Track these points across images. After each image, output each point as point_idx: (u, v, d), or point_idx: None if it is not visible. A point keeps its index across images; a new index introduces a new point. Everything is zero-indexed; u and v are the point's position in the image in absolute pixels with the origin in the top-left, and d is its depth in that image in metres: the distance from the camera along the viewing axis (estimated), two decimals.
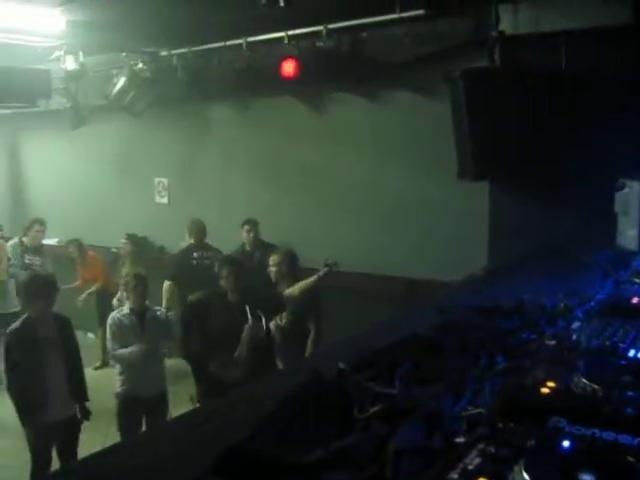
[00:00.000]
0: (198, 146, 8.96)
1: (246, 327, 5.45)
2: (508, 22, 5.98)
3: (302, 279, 6.31)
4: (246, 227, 7.75)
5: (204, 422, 1.67)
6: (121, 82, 7.91)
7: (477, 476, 1.15)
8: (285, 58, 6.75)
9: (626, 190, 4.25)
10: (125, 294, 6.31)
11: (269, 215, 7.88)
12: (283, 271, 6.28)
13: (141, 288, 5.99)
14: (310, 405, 1.67)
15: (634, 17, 5.15)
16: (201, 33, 7.11)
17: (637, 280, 2.82)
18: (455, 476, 1.17)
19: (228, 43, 7.20)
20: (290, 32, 6.71)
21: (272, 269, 6.33)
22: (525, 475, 1.10)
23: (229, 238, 7.89)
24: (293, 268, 6.35)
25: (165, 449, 1.54)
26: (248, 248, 7.73)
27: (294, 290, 6.18)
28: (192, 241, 7.86)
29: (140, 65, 7.93)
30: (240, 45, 7.10)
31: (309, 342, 6.08)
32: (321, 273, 6.17)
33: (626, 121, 5.08)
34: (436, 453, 1.36)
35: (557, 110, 5.53)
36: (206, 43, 7.43)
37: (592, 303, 2.54)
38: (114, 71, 8.12)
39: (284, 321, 6.11)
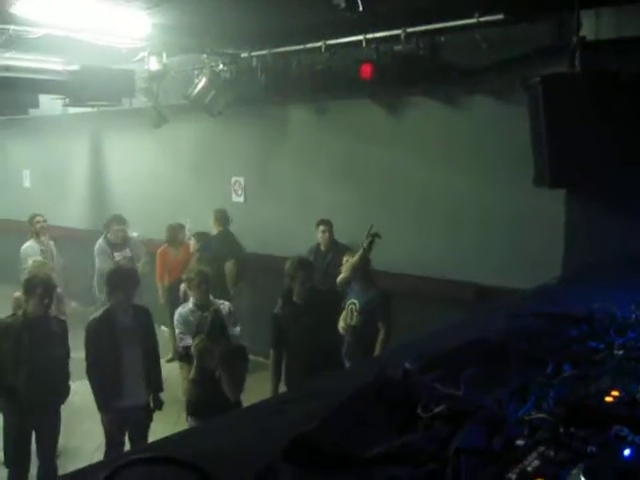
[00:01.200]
0: (275, 147, 9.09)
1: None
2: (589, 27, 5.89)
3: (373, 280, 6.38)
4: (321, 227, 7.84)
5: (277, 411, 1.75)
6: (202, 82, 8.10)
7: (535, 477, 1.19)
8: (363, 61, 6.80)
9: None
10: (189, 291, 6.46)
11: (342, 216, 7.94)
12: (360, 274, 6.35)
13: (205, 285, 6.15)
14: (376, 402, 1.73)
15: None
16: (280, 36, 7.22)
17: None
18: (513, 476, 1.20)
19: (307, 46, 7.29)
20: (368, 35, 6.75)
21: (343, 268, 6.41)
22: (583, 479, 1.13)
23: (304, 237, 8.00)
24: (368, 267, 6.41)
25: (240, 435, 1.62)
26: (322, 248, 7.83)
27: (346, 271, 6.28)
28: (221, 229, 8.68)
29: (220, 66, 8.12)
30: (319, 48, 7.18)
31: (378, 342, 6.11)
32: (365, 244, 6.23)
33: None
34: (496, 454, 1.39)
35: (637, 119, 5.42)
36: (285, 45, 7.54)
37: None
38: (195, 72, 8.32)
39: (354, 321, 6.18)
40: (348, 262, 6.39)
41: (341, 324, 6.27)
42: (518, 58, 6.29)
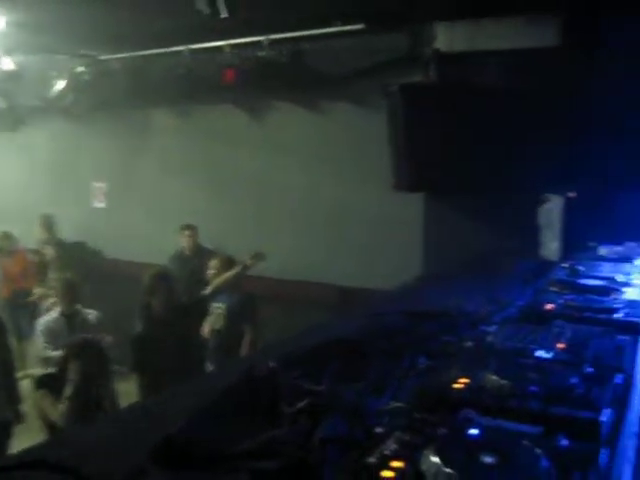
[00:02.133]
0: (138, 151, 8.94)
1: None
2: (444, 40, 6.21)
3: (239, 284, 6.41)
4: (186, 232, 7.78)
5: (144, 414, 1.76)
6: (60, 84, 7.86)
7: (392, 459, 1.27)
8: (226, 67, 6.83)
9: (549, 205, 4.48)
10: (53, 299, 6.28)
11: (208, 221, 7.92)
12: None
13: (71, 293, 5.98)
14: (241, 400, 1.78)
15: (560, 40, 5.42)
16: (143, 39, 7.12)
17: (553, 289, 3.00)
18: (373, 460, 1.28)
19: (169, 50, 7.24)
20: (232, 41, 6.79)
21: (211, 273, 6.39)
22: (433, 457, 1.23)
23: (168, 243, 7.90)
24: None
25: (106, 439, 1.62)
26: (187, 253, 7.77)
27: (217, 284, 6.26)
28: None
29: (80, 68, 7.89)
30: (181, 52, 7.15)
31: (243, 345, 6.14)
32: (248, 262, 6.26)
33: (550, 138, 5.32)
34: (357, 442, 1.48)
35: (489, 126, 5.75)
36: (148, 49, 7.44)
37: (511, 309, 2.71)
38: (53, 73, 8.05)
39: (220, 324, 6.18)
40: (221, 276, 6.31)
41: (206, 329, 6.26)
42: (377, 67, 6.54)
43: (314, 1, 5.58)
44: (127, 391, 5.59)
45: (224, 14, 4.49)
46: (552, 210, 4.44)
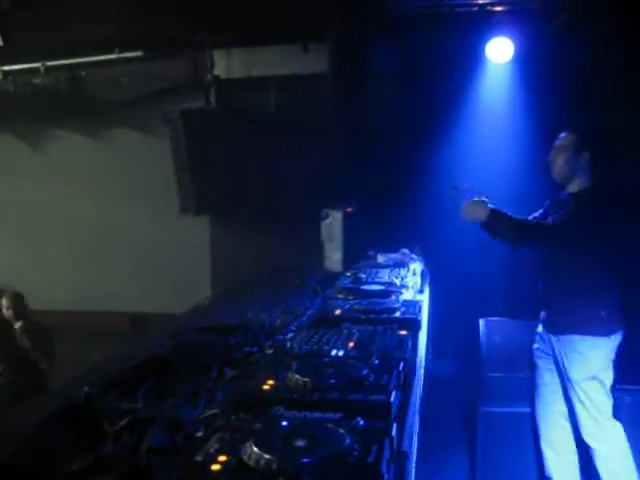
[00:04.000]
0: None
1: None
2: (222, 66, 6.45)
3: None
4: None
5: None
6: None
7: (218, 455, 1.43)
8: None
9: (329, 220, 4.84)
10: None
11: None
12: (19, 312, 6.05)
13: None
14: (64, 425, 1.85)
15: (330, 67, 5.87)
16: None
17: (340, 296, 3.31)
18: (200, 458, 1.43)
19: None
20: (6, 67, 6.54)
21: (6, 313, 6.06)
22: (255, 448, 1.40)
23: None
24: (24, 307, 6.15)
25: None
26: None
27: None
28: None
29: None
30: None
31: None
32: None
33: (325, 157, 5.73)
34: (181, 447, 1.62)
35: (268, 148, 6.06)
36: None
37: (304, 317, 2.97)
38: None
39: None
40: (19, 325, 6.00)
41: None
42: (158, 93, 6.63)
43: (92, 27, 5.56)
44: None
45: (0, 42, 4.37)
46: (332, 224, 4.80)
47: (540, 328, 3.91)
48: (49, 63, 6.49)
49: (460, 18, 5.52)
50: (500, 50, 5.57)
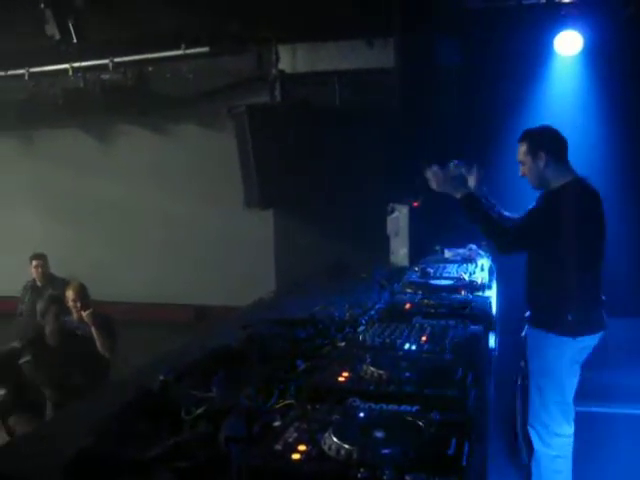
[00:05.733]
0: None
1: None
2: (287, 61, 6.48)
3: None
4: (34, 262, 7.52)
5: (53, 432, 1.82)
6: None
7: (297, 445, 1.44)
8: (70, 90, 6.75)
9: (396, 214, 4.83)
10: None
11: (58, 249, 7.69)
12: (83, 303, 6.21)
13: None
14: (141, 413, 1.89)
15: (396, 61, 5.83)
16: None
17: (408, 290, 3.30)
18: (280, 447, 1.44)
19: (9, 73, 7.02)
20: (76, 64, 6.71)
21: (72, 304, 6.23)
22: (334, 438, 1.41)
23: (17, 274, 7.61)
24: (88, 297, 6.30)
25: (15, 462, 1.67)
26: (38, 283, 7.51)
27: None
28: None
29: None
30: (22, 75, 6.96)
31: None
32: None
33: (393, 151, 5.70)
34: (258, 437, 1.63)
35: (333, 142, 6.07)
36: None
37: (373, 311, 2.97)
38: None
39: None
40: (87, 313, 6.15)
41: None
42: (223, 88, 6.70)
43: (159, 23, 5.66)
44: None
45: (74, 39, 4.48)
46: (399, 218, 4.79)
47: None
48: (117, 59, 6.62)
49: (527, 11, 5.42)
50: (569, 43, 5.46)
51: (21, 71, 6.92)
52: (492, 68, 5.54)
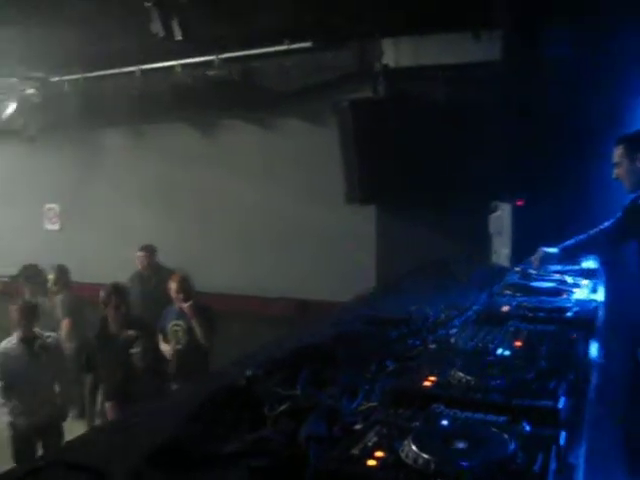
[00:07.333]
0: (91, 172, 8.87)
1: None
2: (391, 55, 6.40)
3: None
4: (143, 253, 7.77)
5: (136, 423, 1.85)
6: (11, 107, 7.84)
7: (374, 450, 1.39)
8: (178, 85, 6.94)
9: (499, 212, 4.68)
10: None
11: (163, 240, 7.93)
12: (187, 294, 6.36)
13: (29, 317, 5.97)
14: (225, 407, 1.89)
15: (502, 54, 5.65)
16: (93, 60, 7.15)
17: (507, 292, 3.17)
18: (357, 452, 1.40)
19: (121, 70, 7.28)
20: (183, 61, 6.88)
21: (174, 295, 6.40)
22: (413, 446, 1.35)
23: (124, 263, 7.89)
24: (189, 289, 6.45)
25: (101, 449, 1.71)
26: (145, 273, 7.76)
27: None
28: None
29: (30, 90, 7.88)
30: (133, 73, 7.20)
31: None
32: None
33: (496, 148, 5.53)
34: (338, 439, 1.59)
35: (437, 138, 5.94)
36: (99, 70, 7.47)
37: (469, 313, 2.87)
38: (2, 96, 8.03)
39: (182, 342, 6.23)
40: (187, 305, 6.30)
41: (166, 349, 6.27)
42: (326, 83, 6.69)
43: (263, 19, 5.70)
44: None
45: (178, 36, 4.58)
46: (502, 217, 4.64)
47: None
48: (223, 55, 6.73)
49: None
50: None
51: (133, 68, 7.15)
52: (604, 59, 5.27)
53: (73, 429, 5.42)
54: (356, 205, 6.66)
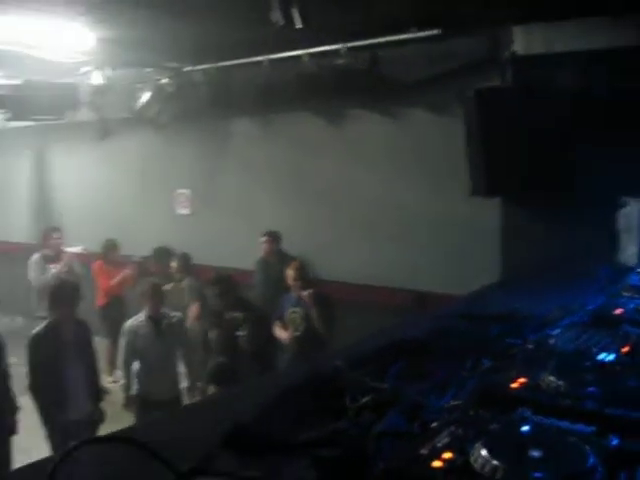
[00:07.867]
0: (220, 159, 9.15)
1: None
2: (521, 43, 6.15)
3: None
4: (266, 238, 7.94)
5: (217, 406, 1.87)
6: (146, 96, 8.18)
7: (444, 451, 1.33)
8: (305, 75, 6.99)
9: (628, 209, 4.40)
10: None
11: (287, 227, 8.06)
12: (305, 282, 6.45)
13: (158, 296, 6.22)
14: (308, 395, 1.88)
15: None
16: (223, 50, 7.33)
17: (626, 293, 2.97)
18: (425, 452, 1.34)
19: (250, 60, 7.42)
20: (310, 50, 6.91)
21: (291, 283, 6.50)
22: (483, 450, 1.28)
23: (251, 249, 8.09)
24: (306, 277, 6.52)
25: (182, 427, 1.74)
26: (270, 259, 7.93)
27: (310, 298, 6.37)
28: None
29: (164, 80, 8.20)
30: (261, 62, 7.32)
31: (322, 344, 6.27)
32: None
33: (628, 140, 5.20)
34: (414, 436, 1.54)
35: (566, 129, 5.67)
36: (229, 59, 7.66)
37: (580, 314, 2.71)
38: (138, 85, 8.39)
39: (300, 329, 6.30)
40: (306, 293, 6.40)
41: (284, 335, 6.37)
42: (453, 72, 6.53)
43: (390, 8, 5.62)
44: None
45: (298, 24, 4.59)
46: (631, 214, 4.36)
47: None
48: (350, 44, 6.70)
49: None
50: None
51: (261, 58, 7.27)
52: None
53: None
54: (480, 198, 6.47)
